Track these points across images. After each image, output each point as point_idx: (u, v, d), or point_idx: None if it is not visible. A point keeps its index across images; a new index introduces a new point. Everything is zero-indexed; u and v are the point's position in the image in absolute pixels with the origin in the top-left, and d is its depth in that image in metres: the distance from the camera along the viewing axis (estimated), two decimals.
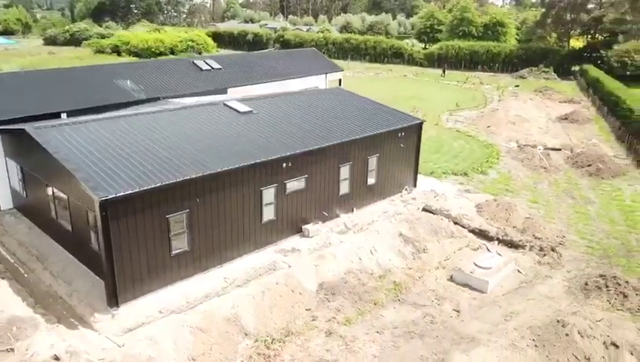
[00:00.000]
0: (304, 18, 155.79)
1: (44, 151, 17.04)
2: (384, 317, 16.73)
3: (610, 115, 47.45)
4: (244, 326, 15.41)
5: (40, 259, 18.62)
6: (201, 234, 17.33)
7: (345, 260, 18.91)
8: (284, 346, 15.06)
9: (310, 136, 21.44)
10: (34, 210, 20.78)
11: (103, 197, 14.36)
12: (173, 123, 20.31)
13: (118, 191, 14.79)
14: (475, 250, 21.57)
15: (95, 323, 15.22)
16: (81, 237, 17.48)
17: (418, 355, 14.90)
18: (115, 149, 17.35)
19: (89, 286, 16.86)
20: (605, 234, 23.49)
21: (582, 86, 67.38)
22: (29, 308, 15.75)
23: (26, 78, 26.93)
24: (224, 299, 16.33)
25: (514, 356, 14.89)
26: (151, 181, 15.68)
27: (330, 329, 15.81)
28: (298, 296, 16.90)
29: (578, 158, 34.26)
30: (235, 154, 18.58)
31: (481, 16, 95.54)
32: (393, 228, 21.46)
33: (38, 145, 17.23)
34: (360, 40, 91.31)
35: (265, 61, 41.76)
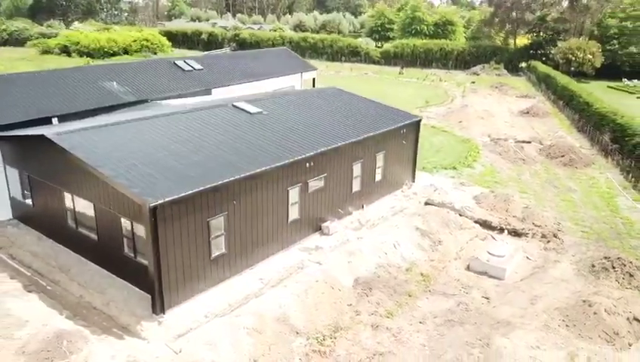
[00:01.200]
0: (252, 17, 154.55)
1: (67, 158, 16.46)
2: (421, 308, 17.37)
3: (567, 108, 50.61)
4: (294, 325, 15.57)
5: (62, 270, 17.90)
6: (236, 236, 17.29)
7: (373, 256, 19.40)
8: (335, 342, 15.37)
9: (325, 135, 21.74)
10: (44, 220, 19.87)
11: (153, 203, 14.09)
12: (192, 125, 20.01)
13: (166, 195, 14.54)
14: (483, 240, 22.65)
15: (142, 331, 14.92)
16: (111, 245, 17.00)
17: (463, 341, 15.61)
18: (145, 153, 16.97)
19: (125, 295, 16.44)
20: (594, 219, 25.27)
21: (533, 81, 71.27)
22: (68, 321, 15.18)
23: (7, 82, 25.50)
24: (268, 300, 16.40)
25: (549, 336, 15.91)
26: (193, 184, 15.50)
27: (375, 322, 16.27)
28: (338, 293, 17.22)
29: (551, 150, 36.43)
30: (262, 155, 18.60)
31: (431, 16, 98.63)
32: (409, 222, 22.17)
33: (59, 151, 16.60)
34: (317, 39, 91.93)
35: (242, 61, 41.47)
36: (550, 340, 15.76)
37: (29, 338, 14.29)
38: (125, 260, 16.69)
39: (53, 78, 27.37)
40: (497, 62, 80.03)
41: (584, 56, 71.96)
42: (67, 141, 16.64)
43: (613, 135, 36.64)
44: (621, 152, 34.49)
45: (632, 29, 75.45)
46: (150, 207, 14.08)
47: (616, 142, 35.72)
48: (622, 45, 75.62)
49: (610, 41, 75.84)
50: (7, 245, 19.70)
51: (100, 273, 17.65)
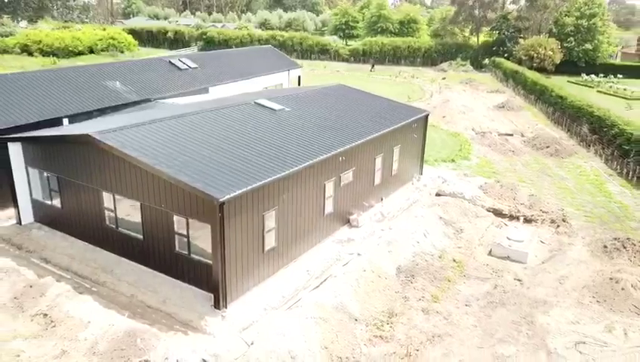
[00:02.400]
0: (212, 15, 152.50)
1: (114, 157, 16.38)
2: (462, 292, 18.25)
3: (539, 102, 53.15)
4: (351, 313, 16.08)
5: (105, 271, 17.68)
6: (284, 230, 17.62)
7: (408, 245, 20.14)
8: (393, 326, 16.00)
9: (350, 130, 22.30)
10: (75, 222, 19.46)
11: (222, 198, 14.25)
12: (225, 123, 20.12)
13: (231, 191, 14.72)
14: (498, 227, 23.82)
15: (207, 326, 15.05)
16: (159, 243, 16.98)
17: (510, 320, 16.61)
18: (192, 150, 17.03)
19: (179, 292, 16.49)
20: (592, 204, 27.00)
21: (499, 77, 74.10)
22: (130, 319, 15.11)
23: (12, 81, 24.67)
24: (322, 290, 16.84)
25: (584, 312, 17.17)
26: (250, 179, 15.73)
27: (425, 307, 17.01)
28: (385, 281, 17.86)
29: (536, 141, 38.38)
30: (300, 149, 18.97)
31: (396, 14, 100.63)
32: (431, 212, 23.05)
33: (103, 151, 16.50)
34: (286, 37, 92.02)
35: (233, 59, 41.53)
36: (586, 315, 17.00)
37: (97, 339, 14.20)
38: (177, 258, 16.72)
39: (56, 78, 26.73)
40: (463, 59, 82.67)
41: (545, 53, 75.52)
42: (114, 140, 16.49)
43: (591, 126, 38.97)
44: (601, 142, 36.77)
45: (587, 27, 79.72)
46: (219, 203, 14.25)
47: (595, 133, 38.03)
48: (578, 42, 79.75)
49: (567, 39, 79.80)
50: (38, 248, 19.21)
51: (145, 272, 17.56)
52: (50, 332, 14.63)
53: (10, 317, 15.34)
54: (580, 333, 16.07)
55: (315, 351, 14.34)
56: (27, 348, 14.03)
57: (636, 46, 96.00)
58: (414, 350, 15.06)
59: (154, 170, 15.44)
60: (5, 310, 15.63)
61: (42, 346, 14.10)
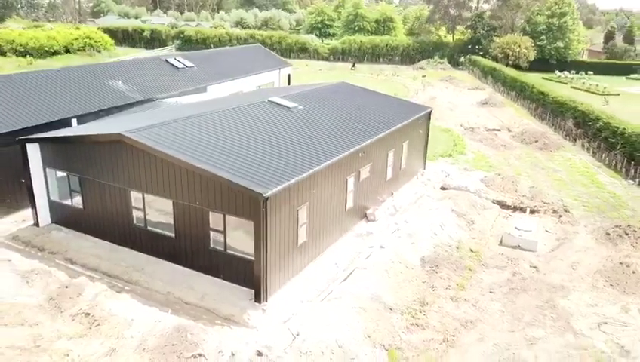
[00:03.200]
0: (185, 14, 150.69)
1: (146, 155, 16.48)
2: (483, 280, 19.02)
3: (520, 98, 54.85)
4: (386, 303, 16.60)
5: (136, 269, 17.71)
6: (313, 224, 18.01)
7: (427, 237, 20.79)
8: (426, 314, 16.60)
9: (364, 125, 22.83)
10: (98, 222, 19.35)
11: (266, 194, 14.55)
12: (246, 121, 20.35)
13: (273, 187, 15.03)
14: (504, 218, 24.75)
15: (249, 320, 15.34)
16: (193, 241, 17.13)
17: (533, 305, 17.44)
18: (222, 148, 17.23)
19: (215, 288, 16.71)
20: (587, 195, 28.29)
21: (476, 74, 75.89)
22: (174, 316, 15.25)
23: (19, 82, 24.23)
24: (354, 282, 17.31)
25: (600, 295, 18.16)
26: (286, 175, 16.06)
27: (453, 295, 17.70)
28: (412, 271, 18.47)
29: (524, 136, 39.73)
30: (324, 145, 19.39)
31: (372, 12, 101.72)
32: (443, 205, 23.80)
33: (135, 150, 16.58)
34: (265, 36, 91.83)
35: (225, 58, 41.55)
36: (603, 298, 17.99)
37: (144, 336, 14.32)
38: (211, 255, 16.91)
39: (59, 78, 26.36)
40: (441, 57, 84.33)
41: (520, 51, 77.84)
42: (147, 139, 16.55)
43: (575, 121, 40.59)
44: (586, 136, 38.38)
45: (558, 26, 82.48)
46: (264, 198, 14.54)
47: (579, 127, 39.64)
48: (550, 40, 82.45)
49: (540, 37, 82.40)
50: (61, 250, 19.04)
51: (176, 270, 17.68)
52: (94, 331, 14.64)
53: (50, 318, 15.26)
54: (600, 315, 17.02)
55: (359, 339, 14.81)
56: (74, 347, 14.03)
57: (602, 44, 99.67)
58: (450, 336, 15.71)
59: (194, 167, 15.60)
60: (43, 311, 15.53)
61: (89, 345, 14.12)
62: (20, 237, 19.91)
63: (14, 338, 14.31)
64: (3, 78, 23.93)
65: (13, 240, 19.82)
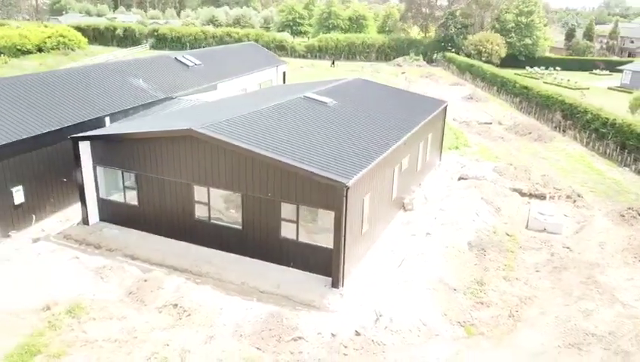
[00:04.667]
0: (149, 12, 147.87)
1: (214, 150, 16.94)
2: (526, 261, 20.35)
3: (502, 93, 57.21)
4: (449, 284, 17.64)
5: (204, 262, 18.06)
6: (372, 213, 18.85)
7: (467, 223, 21.97)
8: (486, 293, 17.74)
9: (397, 119, 23.80)
10: (154, 218, 19.53)
11: (348, 183, 15.28)
12: (295, 116, 20.95)
13: (351, 176, 15.78)
14: (524, 204, 26.28)
15: (330, 304, 16.06)
16: (262, 231, 17.63)
17: (577, 281, 18.85)
18: (288, 141, 17.82)
19: (287, 277, 17.32)
20: (592, 181, 30.28)
21: (453, 71, 78.34)
22: (259, 303, 15.77)
23: (48, 81, 23.90)
24: (416, 266, 18.27)
25: (633, 270, 19.79)
26: (357, 166, 16.84)
27: (504, 275, 18.92)
28: (464, 255, 19.58)
29: (518, 128, 41.77)
30: (377, 137, 20.25)
31: (345, 10, 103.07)
32: (471, 194, 25.06)
33: (207, 144, 17.00)
34: (241, 34, 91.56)
35: (226, 56, 41.75)
36: (636, 273, 19.63)
37: (238, 323, 14.84)
38: (282, 244, 17.48)
39: (84, 77, 26.08)
40: (416, 54, 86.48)
41: (492, 48, 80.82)
42: (219, 133, 16.94)
43: (563, 113, 42.94)
44: (575, 127, 40.71)
45: (526, 24, 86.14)
46: (346, 188, 15.27)
47: (568, 119, 41.99)
48: (519, 38, 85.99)
49: (509, 34, 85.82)
50: (120, 247, 19.13)
51: (242, 261, 18.17)
52: (186, 321, 15.02)
53: (135, 311, 15.51)
54: (638, 288, 18.63)
55: (437, 317, 15.79)
56: (170, 337, 14.38)
57: (564, 41, 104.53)
58: (514, 311, 16.90)
59: (270, 159, 16.12)
60: (126, 305, 15.77)
61: (184, 334, 14.49)
62: (72, 236, 19.84)
63: (108, 332, 14.53)
64: (32, 77, 23.53)
65: (66, 239, 19.75)
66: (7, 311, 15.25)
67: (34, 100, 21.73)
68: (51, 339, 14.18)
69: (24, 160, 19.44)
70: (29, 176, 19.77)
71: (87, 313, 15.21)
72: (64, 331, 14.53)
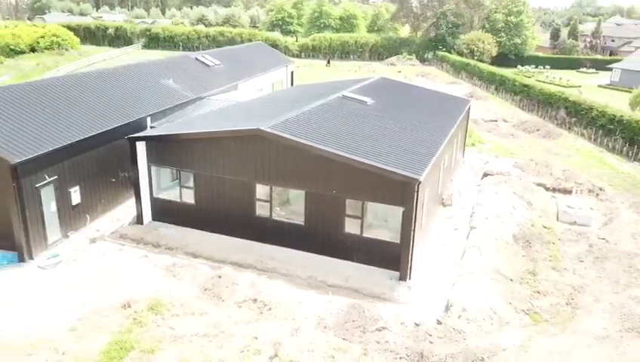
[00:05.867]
0: (134, 11, 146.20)
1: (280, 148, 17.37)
2: (568, 251, 21.28)
3: (501, 91, 58.58)
4: (505, 275, 18.40)
5: (268, 258, 18.46)
6: (425, 208, 19.49)
7: (507, 216, 22.81)
8: (540, 282, 18.58)
9: (436, 117, 24.54)
10: (211, 216, 19.83)
11: (419, 179, 15.91)
12: (342, 114, 21.47)
13: (421, 172, 16.41)
14: (551, 198, 27.31)
15: (399, 296, 16.67)
16: (325, 227, 18.12)
17: (620, 270, 19.84)
18: (348, 139, 18.33)
19: (352, 271, 17.85)
20: (607, 175, 31.51)
21: (446, 69, 79.72)
22: (334, 296, 16.28)
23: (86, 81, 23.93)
24: (471, 258, 18.99)
25: None
26: (421, 162, 17.47)
27: (552, 266, 19.79)
28: (512, 247, 20.40)
29: (525, 125, 43.00)
30: (426, 135, 20.91)
31: (336, 10, 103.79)
32: (503, 189, 25.93)
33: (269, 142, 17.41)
34: (234, 33, 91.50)
35: (239, 56, 42.02)
36: None
37: (320, 315, 15.34)
38: (345, 239, 18.00)
39: (121, 77, 26.17)
40: (409, 53, 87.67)
41: (484, 47, 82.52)
42: (286, 132, 17.37)
43: (566, 110, 44.35)
44: (580, 124, 42.11)
45: (516, 24, 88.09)
46: (417, 183, 15.89)
47: (572, 116, 43.39)
48: (509, 37, 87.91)
49: (499, 34, 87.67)
50: (179, 245, 19.38)
51: (304, 256, 18.60)
52: (268, 315, 15.46)
53: (214, 307, 15.87)
54: None
55: (503, 306, 16.51)
56: (256, 330, 14.78)
57: (549, 41, 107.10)
58: (570, 299, 17.75)
59: (339, 156, 16.63)
60: (204, 300, 16.11)
61: (269, 327, 14.91)
62: (128, 235, 20.01)
63: (194, 327, 14.87)
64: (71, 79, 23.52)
65: (122, 239, 19.91)
66: (89, 310, 15.47)
67: (82, 101, 21.80)
68: (140, 336, 14.47)
69: (80, 161, 19.54)
70: (84, 177, 19.88)
71: (168, 309, 15.51)
72: (150, 327, 14.82)
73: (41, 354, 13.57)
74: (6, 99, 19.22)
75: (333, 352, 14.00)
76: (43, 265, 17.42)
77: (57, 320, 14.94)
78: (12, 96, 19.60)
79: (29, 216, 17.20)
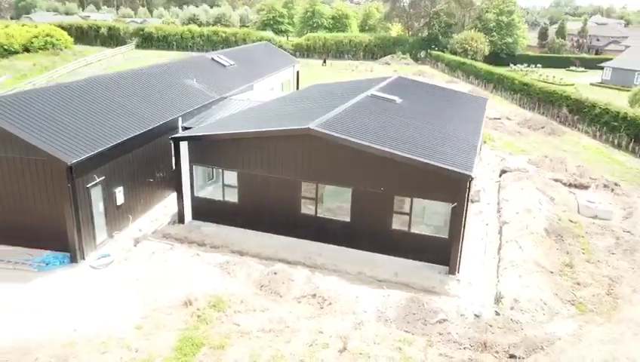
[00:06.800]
0: (121, 10, 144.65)
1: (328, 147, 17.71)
2: (597, 244, 22.00)
3: (499, 90, 59.62)
4: (544, 266, 19.02)
5: (316, 254, 18.78)
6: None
7: (537, 211, 23.47)
8: (578, 274, 19.23)
9: (462, 115, 25.09)
10: (254, 214, 20.06)
11: (472, 175, 16.41)
12: (375, 113, 21.86)
13: (471, 168, 16.90)
14: (568, 194, 28.10)
15: (450, 289, 17.16)
16: (371, 224, 18.51)
17: None
18: (393, 137, 18.75)
19: (400, 265, 18.28)
20: (618, 171, 32.48)
21: (441, 68, 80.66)
22: (390, 290, 16.69)
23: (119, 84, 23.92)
24: (509, 252, 19.57)
25: None
26: (468, 158, 17.97)
27: (587, 258, 20.49)
28: (547, 240, 21.04)
29: (530, 123, 43.92)
30: (459, 131, 21.43)
31: (328, 9, 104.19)
32: (526, 185, 26.62)
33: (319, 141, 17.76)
34: (229, 33, 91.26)
35: (249, 56, 42.10)
36: None
37: (379, 309, 15.73)
38: (392, 235, 18.42)
39: (147, 78, 26.17)
40: (403, 52, 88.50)
41: (477, 46, 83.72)
42: (335, 131, 17.71)
43: (568, 108, 45.42)
44: (583, 121, 43.19)
45: (507, 23, 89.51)
46: (471, 179, 16.39)
47: (574, 113, 44.47)
48: (500, 36, 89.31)
49: (491, 33, 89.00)
50: (224, 243, 19.60)
51: (350, 252, 18.97)
52: (328, 310, 15.79)
53: (273, 303, 16.14)
54: None
55: (551, 297, 17.11)
56: (319, 325, 15.10)
57: (537, 40, 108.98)
58: (610, 290, 18.44)
59: (391, 154, 17.04)
60: (262, 297, 16.36)
61: (331, 322, 15.25)
62: (171, 235, 20.15)
63: (258, 323, 15.12)
64: (106, 79, 23.52)
65: (165, 238, 20.04)
66: (151, 309, 15.63)
67: (119, 102, 21.85)
68: (207, 332, 14.69)
69: (123, 161, 19.61)
70: (126, 178, 19.96)
71: (229, 306, 15.75)
72: (215, 324, 15.04)
73: (115, 352, 13.72)
74: (48, 100, 19.19)
75: (399, 344, 14.41)
76: (95, 266, 17.49)
77: (122, 319, 15.07)
78: (53, 97, 19.58)
79: (81, 216, 17.25)
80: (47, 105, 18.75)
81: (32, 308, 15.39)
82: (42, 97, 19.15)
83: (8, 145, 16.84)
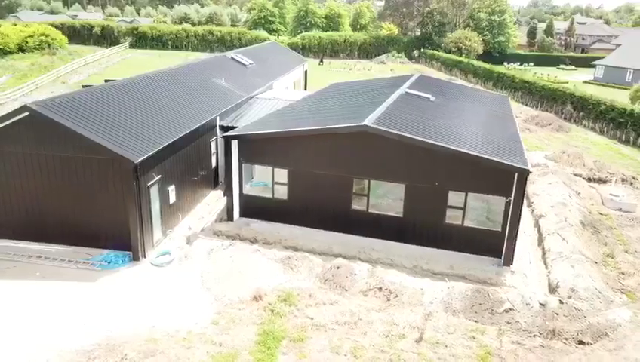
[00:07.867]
0: (107, 9, 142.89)
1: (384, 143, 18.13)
2: (630, 236, 22.79)
3: (498, 87, 60.69)
4: (589, 257, 19.71)
5: (369, 249, 19.14)
6: None
7: (571, 205, 24.20)
8: (620, 264, 19.96)
9: (494, 112, 25.72)
10: (304, 211, 20.34)
11: (530, 169, 16.97)
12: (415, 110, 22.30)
13: (527, 163, 17.46)
14: (590, 187, 28.96)
15: (505, 280, 17.70)
16: (424, 218, 18.95)
17: None
18: (441, 133, 19.23)
19: (454, 259, 18.74)
20: (632, 166, 33.52)
21: (436, 67, 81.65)
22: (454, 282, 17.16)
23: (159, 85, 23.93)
24: (551, 242, 20.21)
25: None
26: (519, 154, 18.53)
27: (625, 249, 21.26)
28: (586, 233, 21.77)
29: (537, 120, 44.88)
30: (497, 129, 22.02)
31: (321, 9, 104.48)
32: (553, 180, 27.38)
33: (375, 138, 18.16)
34: (224, 32, 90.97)
35: (262, 56, 42.14)
36: None
37: (445, 300, 16.19)
38: (445, 229, 18.89)
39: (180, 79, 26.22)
40: (398, 51, 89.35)
41: (470, 45, 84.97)
42: (391, 128, 18.12)
43: (572, 105, 46.55)
44: (588, 118, 44.34)
45: (499, 22, 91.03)
46: (528, 173, 16.94)
47: (579, 110, 45.62)
48: (493, 35, 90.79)
49: (484, 32, 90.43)
50: (277, 240, 19.81)
51: (403, 247, 19.38)
52: (395, 302, 16.18)
53: (340, 296, 16.47)
54: None
55: (603, 286, 17.77)
56: (389, 317, 15.49)
57: (526, 39, 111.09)
58: None
59: (448, 150, 17.49)
60: (328, 291, 16.68)
61: (400, 314, 15.65)
62: (223, 232, 20.33)
63: (331, 316, 15.44)
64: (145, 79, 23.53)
65: (217, 236, 20.20)
66: (223, 304, 15.85)
67: (163, 102, 21.92)
68: (283, 326, 14.97)
69: (174, 160, 19.72)
70: (176, 176, 20.07)
71: (299, 300, 16.04)
72: (289, 318, 15.33)
73: (200, 347, 13.91)
74: (100, 100, 19.21)
75: (472, 333, 14.89)
76: (157, 263, 17.61)
77: (197, 315, 15.26)
78: (103, 97, 19.58)
79: (143, 214, 17.35)
80: (100, 105, 18.77)
81: (106, 305, 15.47)
82: (94, 97, 19.14)
83: (69, 145, 16.85)
